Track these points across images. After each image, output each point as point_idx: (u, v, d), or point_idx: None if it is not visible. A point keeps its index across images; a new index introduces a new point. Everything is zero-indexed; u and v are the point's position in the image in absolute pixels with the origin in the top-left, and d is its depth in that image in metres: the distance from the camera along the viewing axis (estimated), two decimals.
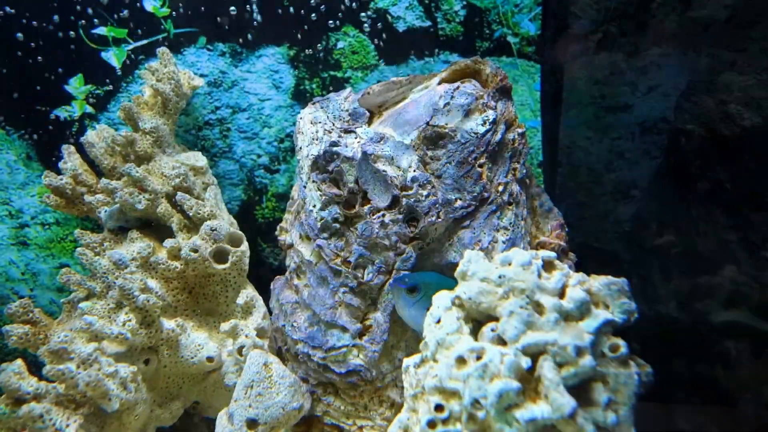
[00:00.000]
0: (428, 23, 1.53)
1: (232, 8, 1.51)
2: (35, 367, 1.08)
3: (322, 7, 1.52)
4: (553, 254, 0.97)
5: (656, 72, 1.28)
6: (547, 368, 0.83)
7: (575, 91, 1.37)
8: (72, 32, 1.49)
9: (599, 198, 1.34)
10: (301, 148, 1.22)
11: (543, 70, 1.50)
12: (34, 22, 1.48)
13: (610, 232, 1.30)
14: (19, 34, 1.47)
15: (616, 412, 0.81)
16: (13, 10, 1.46)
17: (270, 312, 1.34)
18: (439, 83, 1.19)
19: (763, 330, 0.81)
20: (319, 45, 1.54)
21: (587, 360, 0.82)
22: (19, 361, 1.05)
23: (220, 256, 1.31)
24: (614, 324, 0.87)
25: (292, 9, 1.53)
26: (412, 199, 1.09)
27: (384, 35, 1.54)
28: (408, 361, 1.00)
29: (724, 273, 0.82)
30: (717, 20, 1.13)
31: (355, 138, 1.15)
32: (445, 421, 0.88)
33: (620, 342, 0.86)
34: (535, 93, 1.53)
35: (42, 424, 0.97)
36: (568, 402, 0.78)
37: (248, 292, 1.33)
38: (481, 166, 1.11)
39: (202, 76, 1.56)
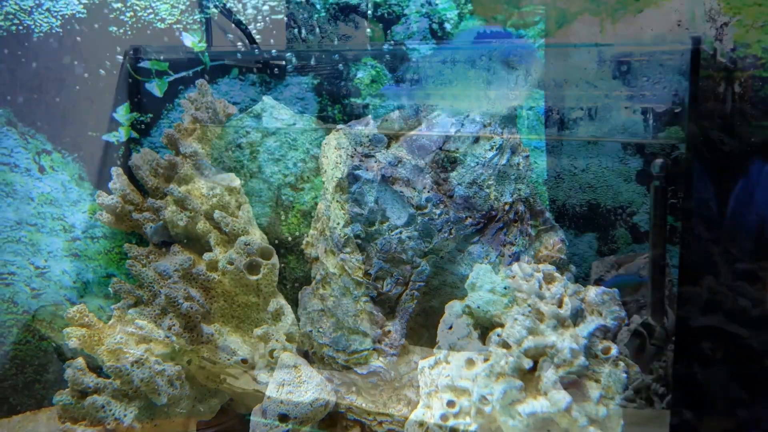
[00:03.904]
0: None
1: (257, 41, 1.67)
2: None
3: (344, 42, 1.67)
4: (552, 267, 1.09)
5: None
6: (546, 368, 0.94)
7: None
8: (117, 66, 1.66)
9: None
10: (325, 170, 1.36)
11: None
12: (86, 57, 1.66)
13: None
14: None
15: (606, 406, 0.92)
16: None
17: (298, 319, 1.47)
18: None
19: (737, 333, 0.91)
20: (341, 74, 1.69)
21: (581, 361, 0.93)
22: (80, 359, 1.20)
23: (253, 268, 1.45)
24: (606, 329, 0.98)
25: (314, 42, 1.68)
26: (427, 218, 1.21)
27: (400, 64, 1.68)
28: (423, 363, 1.12)
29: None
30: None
31: (375, 162, 1.28)
32: (456, 415, 1.00)
33: (611, 345, 0.97)
34: (540, 116, 1.65)
35: (103, 413, 1.11)
36: (563, 398, 0.90)
37: (278, 301, 1.46)
38: (489, 187, 1.23)
39: (234, 103, 1.71)
